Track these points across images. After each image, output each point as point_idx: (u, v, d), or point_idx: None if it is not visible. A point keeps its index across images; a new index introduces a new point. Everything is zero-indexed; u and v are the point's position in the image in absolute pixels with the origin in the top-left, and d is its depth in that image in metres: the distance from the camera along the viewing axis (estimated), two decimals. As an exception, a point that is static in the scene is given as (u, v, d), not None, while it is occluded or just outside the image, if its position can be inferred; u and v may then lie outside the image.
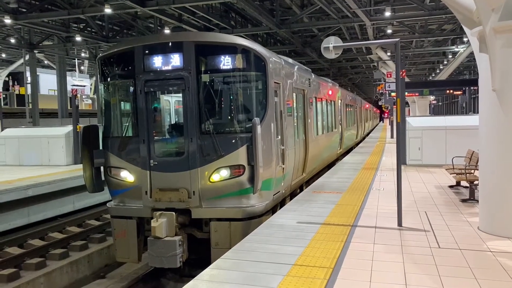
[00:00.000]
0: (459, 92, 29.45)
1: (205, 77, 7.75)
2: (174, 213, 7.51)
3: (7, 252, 9.55)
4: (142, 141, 7.83)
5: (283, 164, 8.79)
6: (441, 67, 41.41)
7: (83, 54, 34.47)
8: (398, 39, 7.01)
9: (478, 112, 6.70)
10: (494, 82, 5.99)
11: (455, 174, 9.31)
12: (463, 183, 9.61)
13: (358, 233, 6.43)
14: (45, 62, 40.22)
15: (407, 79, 23.40)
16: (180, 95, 7.92)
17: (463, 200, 8.57)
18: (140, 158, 7.84)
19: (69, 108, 27.08)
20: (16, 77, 40.83)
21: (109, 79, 8.44)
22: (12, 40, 27.45)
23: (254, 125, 7.28)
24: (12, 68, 36.85)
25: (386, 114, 49.89)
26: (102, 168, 8.32)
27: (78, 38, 24.06)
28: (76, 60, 39.12)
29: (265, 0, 21.42)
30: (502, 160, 6.06)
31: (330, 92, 16.03)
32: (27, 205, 12.27)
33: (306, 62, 33.12)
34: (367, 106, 41.19)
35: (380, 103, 40.16)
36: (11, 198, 11.52)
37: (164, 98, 8.95)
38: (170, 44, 7.83)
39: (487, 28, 5.89)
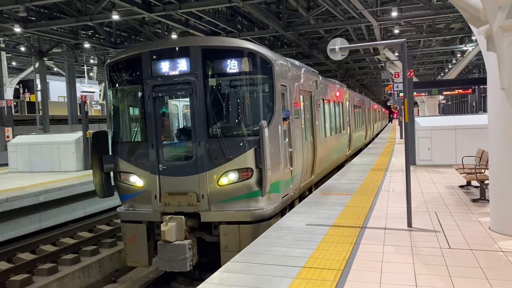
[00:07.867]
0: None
1: (212, 81, 7.77)
2: (183, 217, 7.53)
3: (20, 257, 9.65)
4: (150, 146, 7.87)
5: (291, 167, 8.78)
6: (450, 66, 41.12)
7: (91, 61, 34.82)
8: (404, 39, 6.98)
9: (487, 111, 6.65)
10: (503, 81, 5.94)
11: (465, 174, 9.22)
12: (474, 182, 9.52)
13: (368, 234, 6.41)
14: (55, 69, 40.69)
15: (415, 79, 23.29)
16: (188, 99, 7.97)
17: (474, 200, 8.50)
18: (149, 162, 7.88)
19: (78, 114, 27.33)
20: (27, 84, 41.30)
21: (117, 85, 8.51)
22: (22, 48, 27.83)
23: (262, 128, 7.29)
24: (22, 76, 37.27)
25: (395, 115, 49.64)
26: (111, 173, 8.39)
27: (87, 45, 24.30)
28: (85, 67, 39.49)
29: (271, 3, 21.46)
30: (512, 159, 6.00)
31: (337, 94, 15.98)
32: (39, 211, 12.39)
33: (313, 64, 33.08)
34: (375, 107, 40.97)
35: (388, 104, 39.92)
36: (23, 204, 11.65)
37: (172, 102, 9.01)
38: (177, 49, 7.88)
39: (494, 27, 5.84)
